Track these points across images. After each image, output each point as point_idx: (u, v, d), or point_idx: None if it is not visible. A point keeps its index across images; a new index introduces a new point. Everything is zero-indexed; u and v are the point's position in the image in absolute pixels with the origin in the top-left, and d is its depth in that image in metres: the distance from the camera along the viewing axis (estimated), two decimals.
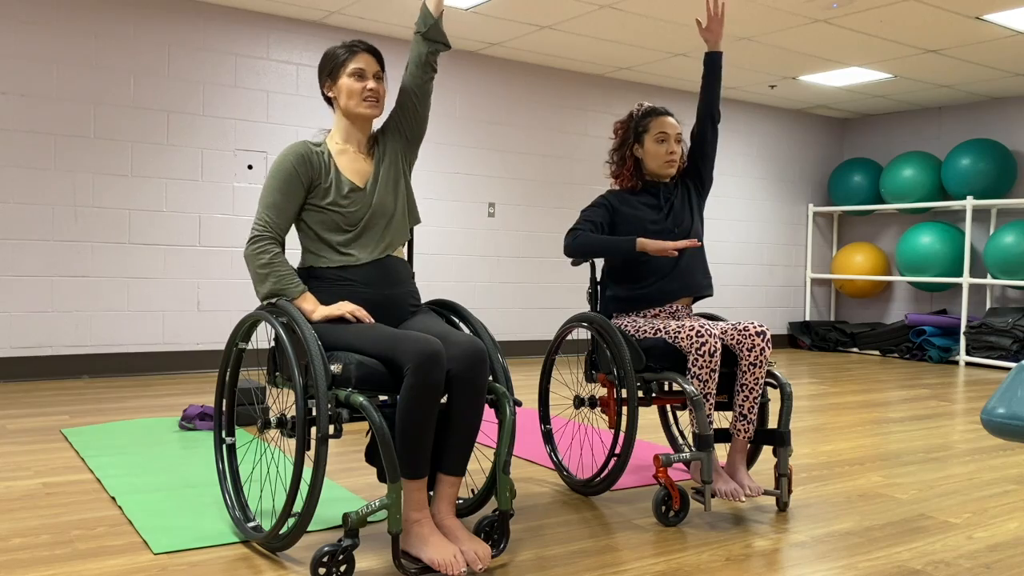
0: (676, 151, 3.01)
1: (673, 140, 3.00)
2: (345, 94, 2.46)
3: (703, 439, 2.65)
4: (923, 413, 4.87)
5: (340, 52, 2.48)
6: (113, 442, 3.57)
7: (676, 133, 3.01)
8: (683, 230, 3.02)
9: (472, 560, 2.13)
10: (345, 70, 2.46)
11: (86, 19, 5.33)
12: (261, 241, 2.39)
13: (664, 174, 3.03)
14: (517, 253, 7.11)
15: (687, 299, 3.03)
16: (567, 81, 7.29)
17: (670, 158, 3.00)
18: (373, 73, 2.47)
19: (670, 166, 3.02)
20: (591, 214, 2.99)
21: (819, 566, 2.32)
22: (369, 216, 2.46)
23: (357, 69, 2.45)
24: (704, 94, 3.08)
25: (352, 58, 2.46)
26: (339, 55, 2.48)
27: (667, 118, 3.02)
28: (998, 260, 7.27)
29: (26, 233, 5.19)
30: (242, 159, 5.86)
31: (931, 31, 5.83)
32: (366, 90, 2.45)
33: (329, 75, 2.50)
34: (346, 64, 2.46)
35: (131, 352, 5.52)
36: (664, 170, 3.02)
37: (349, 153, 2.51)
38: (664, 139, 3.00)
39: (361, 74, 2.46)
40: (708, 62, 3.07)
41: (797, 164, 8.89)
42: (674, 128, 3.01)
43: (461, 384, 2.21)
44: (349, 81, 2.46)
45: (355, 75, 2.45)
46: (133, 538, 2.42)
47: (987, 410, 1.57)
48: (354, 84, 2.45)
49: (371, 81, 2.46)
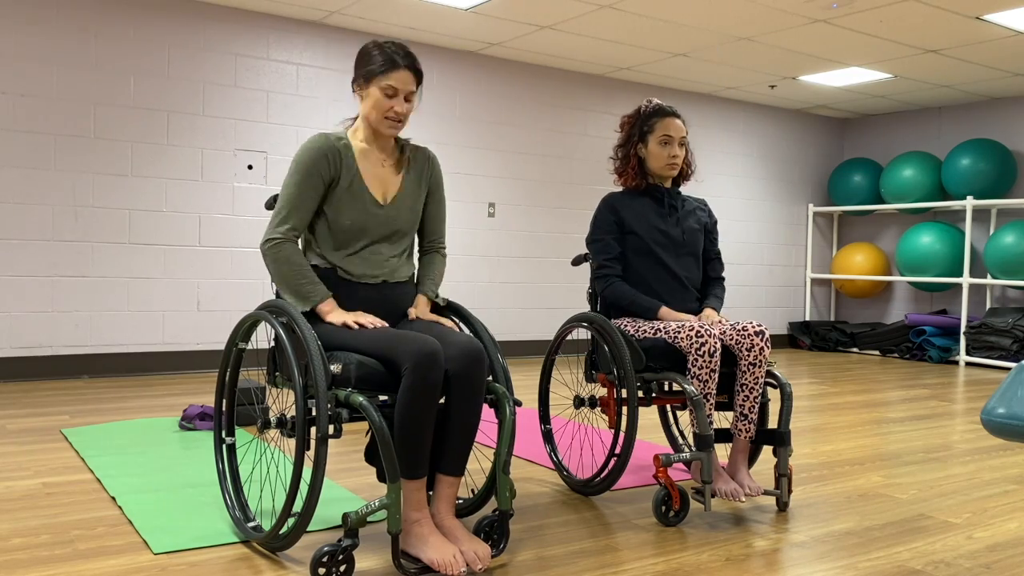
0: (679, 155, 3.01)
1: (677, 144, 3.00)
2: (371, 105, 2.41)
3: (703, 439, 2.65)
4: (923, 413, 4.87)
5: (379, 60, 2.39)
6: (113, 442, 3.57)
7: (681, 136, 3.00)
8: (693, 249, 3.05)
9: (472, 560, 2.13)
10: (379, 82, 2.38)
11: (86, 19, 5.33)
12: (284, 243, 2.37)
13: (665, 176, 3.04)
14: (517, 253, 7.11)
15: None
16: (567, 81, 7.29)
17: (672, 162, 3.00)
18: (406, 94, 2.41)
19: (671, 169, 3.02)
20: (605, 248, 3.00)
21: (819, 566, 2.32)
22: (380, 229, 2.46)
23: (390, 87, 2.38)
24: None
25: (390, 72, 2.38)
26: (377, 63, 2.38)
27: (673, 120, 3.00)
28: (998, 260, 7.27)
29: (26, 233, 5.19)
30: (242, 159, 5.86)
31: (931, 31, 5.83)
32: (392, 110, 2.40)
33: (363, 76, 2.42)
34: (382, 76, 2.38)
35: (131, 352, 5.52)
36: (665, 172, 3.02)
37: (373, 157, 2.48)
38: (668, 142, 2.99)
39: (393, 93, 2.39)
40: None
41: (797, 164, 8.89)
42: (679, 131, 3.00)
43: (459, 384, 2.21)
44: (379, 95, 2.39)
45: (387, 91, 2.39)
46: (133, 538, 2.42)
47: (987, 410, 1.57)
48: (383, 100, 2.39)
49: (399, 103, 2.40)
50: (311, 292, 2.35)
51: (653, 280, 2.99)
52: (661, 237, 3.00)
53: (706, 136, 8.16)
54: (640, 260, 3.00)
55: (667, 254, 3.00)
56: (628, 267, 3.02)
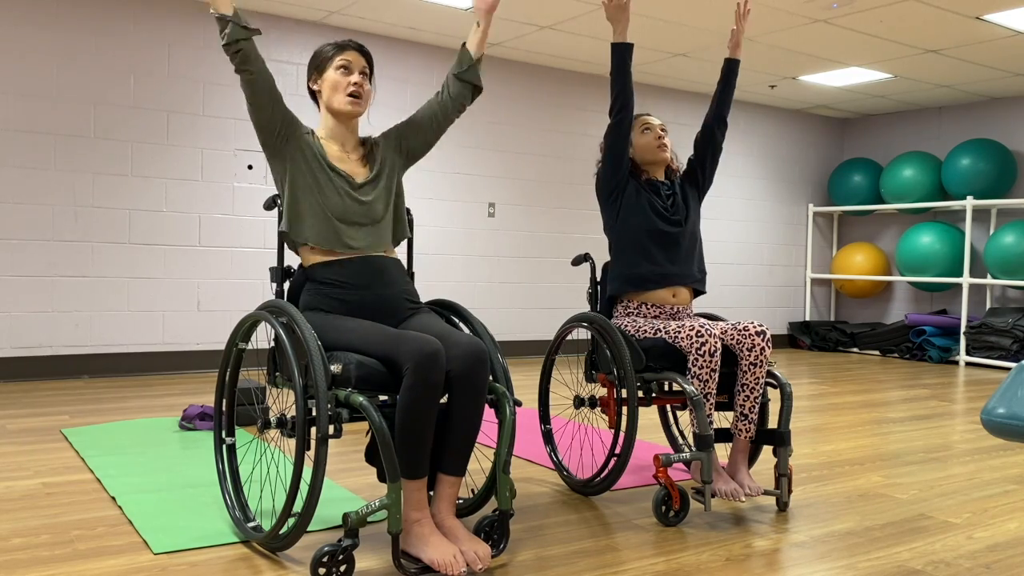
0: (663, 135, 3.08)
1: (658, 128, 3.08)
2: (329, 87, 2.47)
3: (703, 439, 2.65)
4: (923, 413, 4.87)
5: (328, 48, 2.50)
6: (113, 442, 3.57)
7: (658, 124, 3.09)
8: (687, 222, 3.05)
9: (472, 560, 2.13)
10: (332, 64, 2.47)
11: (86, 18, 5.33)
12: None
13: (659, 160, 3.06)
14: (517, 253, 7.11)
15: (682, 290, 3.02)
16: (567, 81, 7.29)
17: (659, 142, 3.07)
18: (360, 69, 2.48)
19: (662, 150, 3.07)
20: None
21: (819, 566, 2.32)
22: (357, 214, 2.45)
23: (344, 62, 2.46)
24: (719, 99, 3.13)
25: (340, 53, 2.47)
26: (327, 50, 2.50)
27: (643, 115, 3.13)
28: (998, 260, 7.27)
29: (26, 233, 5.19)
30: (242, 159, 5.86)
31: (931, 31, 5.83)
32: (350, 84, 2.46)
33: (316, 68, 2.51)
34: (334, 58, 2.47)
35: (131, 352, 5.52)
36: (657, 155, 3.06)
37: (335, 149, 2.51)
38: (648, 127, 3.08)
39: (347, 68, 2.47)
40: (727, 69, 3.13)
41: (797, 164, 8.89)
42: (654, 119, 3.10)
43: (461, 384, 2.21)
44: (335, 75, 2.46)
45: (341, 68, 2.46)
46: (133, 538, 2.42)
47: (987, 410, 1.57)
48: (339, 78, 2.46)
49: (356, 75, 2.47)
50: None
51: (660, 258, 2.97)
52: (661, 220, 2.99)
53: None
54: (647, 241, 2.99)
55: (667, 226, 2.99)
56: (626, 236, 3.01)
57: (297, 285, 2.53)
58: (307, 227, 2.43)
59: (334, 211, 2.42)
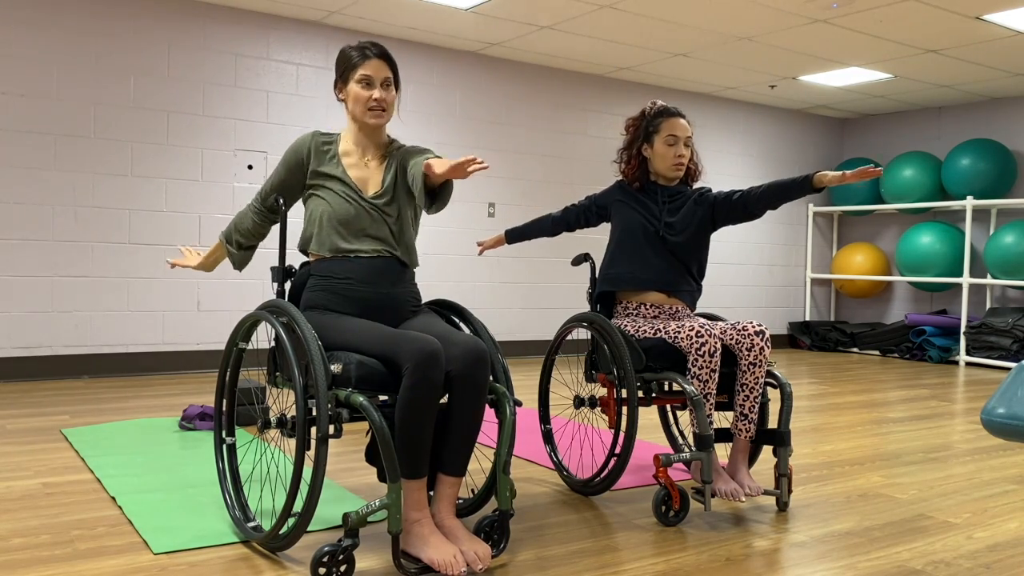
0: (685, 155, 3.00)
1: (682, 144, 2.99)
2: (352, 100, 2.46)
3: (703, 439, 2.65)
4: (923, 413, 4.87)
5: (352, 55, 2.46)
6: (113, 442, 3.57)
7: (686, 137, 2.99)
8: (677, 231, 2.99)
9: (472, 560, 2.13)
10: (354, 75, 2.44)
11: (86, 19, 5.33)
12: (246, 209, 2.66)
13: (671, 177, 3.03)
14: (517, 253, 7.11)
15: (670, 297, 3.00)
16: (567, 81, 7.29)
17: (678, 161, 2.99)
18: (381, 81, 2.44)
19: (678, 169, 3.00)
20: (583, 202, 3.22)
21: (819, 566, 2.32)
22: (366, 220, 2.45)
23: (364, 76, 2.43)
24: (767, 203, 2.91)
25: (362, 63, 2.43)
26: (350, 58, 2.46)
27: (679, 120, 3.00)
28: (998, 260, 7.27)
29: (26, 233, 5.19)
30: (242, 159, 5.86)
31: (931, 31, 5.83)
32: (371, 100, 2.43)
33: (341, 77, 2.49)
34: (355, 69, 2.44)
35: (131, 352, 5.52)
36: (671, 173, 3.01)
37: (354, 157, 2.51)
38: (673, 142, 2.98)
39: (368, 82, 2.43)
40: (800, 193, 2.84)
41: (797, 164, 8.89)
42: (684, 131, 2.99)
43: (462, 384, 2.21)
44: (356, 88, 2.44)
45: (362, 82, 2.43)
46: (133, 538, 2.42)
47: (987, 410, 1.57)
48: (361, 92, 2.44)
49: (377, 90, 2.44)
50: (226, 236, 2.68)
51: (640, 261, 2.97)
52: (650, 226, 2.98)
53: (706, 136, 8.16)
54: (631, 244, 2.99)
55: (655, 239, 2.98)
56: (621, 250, 3.02)
57: (300, 283, 2.53)
58: (316, 232, 2.45)
59: (341, 217, 2.43)
